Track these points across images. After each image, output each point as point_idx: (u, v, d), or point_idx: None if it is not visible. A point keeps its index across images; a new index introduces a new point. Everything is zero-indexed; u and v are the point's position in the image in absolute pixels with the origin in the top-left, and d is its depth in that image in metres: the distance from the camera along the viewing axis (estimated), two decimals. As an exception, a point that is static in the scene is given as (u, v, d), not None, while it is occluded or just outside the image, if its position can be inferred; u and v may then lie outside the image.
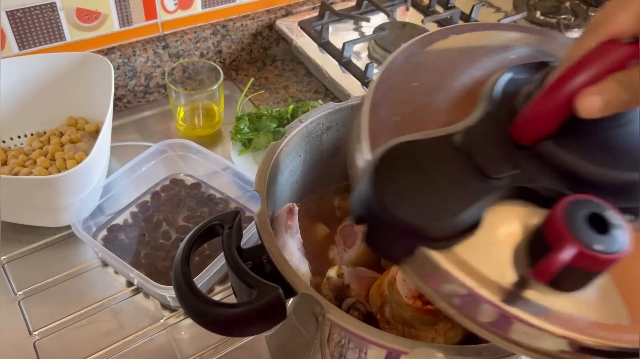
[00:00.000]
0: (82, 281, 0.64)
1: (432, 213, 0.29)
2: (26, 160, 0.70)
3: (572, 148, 0.31)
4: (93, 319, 0.60)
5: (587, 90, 0.29)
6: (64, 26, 0.77)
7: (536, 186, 0.30)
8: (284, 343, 0.52)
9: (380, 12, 0.98)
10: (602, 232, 0.27)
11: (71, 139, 0.72)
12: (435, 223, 0.29)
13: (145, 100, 0.89)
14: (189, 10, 0.87)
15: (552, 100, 0.30)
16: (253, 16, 0.93)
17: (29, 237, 0.67)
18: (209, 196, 0.73)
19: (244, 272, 0.35)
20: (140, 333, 0.59)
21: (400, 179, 0.30)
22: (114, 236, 0.67)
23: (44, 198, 0.62)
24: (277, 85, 0.93)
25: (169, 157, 0.73)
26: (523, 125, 0.32)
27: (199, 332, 0.60)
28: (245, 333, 0.37)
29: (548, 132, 0.31)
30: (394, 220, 0.29)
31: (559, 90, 0.30)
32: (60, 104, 0.76)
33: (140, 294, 0.63)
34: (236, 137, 0.77)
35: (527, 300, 0.29)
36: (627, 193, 0.30)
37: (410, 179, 0.30)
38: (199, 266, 0.63)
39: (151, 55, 0.85)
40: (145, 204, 0.71)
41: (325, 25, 0.91)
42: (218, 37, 0.91)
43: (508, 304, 0.29)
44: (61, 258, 0.66)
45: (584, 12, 1.02)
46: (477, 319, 0.31)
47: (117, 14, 0.81)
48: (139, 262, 0.64)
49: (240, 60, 0.97)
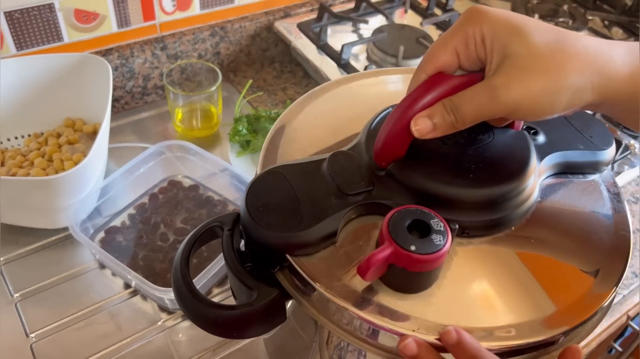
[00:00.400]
0: (79, 283, 0.64)
1: (290, 224, 0.34)
2: (23, 161, 0.69)
3: (419, 169, 0.36)
4: (90, 321, 0.60)
5: (418, 114, 0.34)
6: (62, 27, 0.77)
7: (387, 202, 0.35)
8: (282, 346, 0.51)
9: (379, 14, 0.98)
10: (422, 236, 0.32)
11: (69, 140, 0.72)
12: (292, 233, 0.34)
13: (143, 101, 0.89)
14: (188, 12, 0.87)
15: (394, 126, 0.35)
16: (251, 18, 0.93)
17: (26, 239, 0.67)
18: (207, 198, 0.72)
19: (243, 274, 0.35)
20: (137, 335, 0.59)
21: (268, 197, 0.35)
22: (111, 238, 0.67)
23: (41, 200, 0.62)
24: (275, 87, 0.93)
25: (167, 159, 0.73)
26: (377, 150, 0.37)
27: (197, 334, 0.60)
28: (244, 335, 0.37)
29: (398, 155, 0.36)
30: (259, 232, 0.34)
31: (398, 118, 0.35)
32: (57, 105, 0.75)
33: (138, 296, 0.63)
34: (234, 138, 0.77)
35: (376, 303, 0.33)
36: (462, 207, 0.35)
37: (277, 197, 0.35)
38: (197, 268, 0.63)
39: (149, 56, 0.85)
40: (143, 206, 0.71)
41: (324, 27, 0.91)
42: (216, 38, 0.91)
43: (357, 308, 0.33)
44: (58, 259, 0.65)
45: (581, 16, 1.03)
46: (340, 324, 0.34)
47: (115, 15, 0.80)
48: (137, 264, 0.64)
49: (239, 62, 0.97)
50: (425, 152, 0.36)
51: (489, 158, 0.37)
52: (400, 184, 0.36)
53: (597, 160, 0.41)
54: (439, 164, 0.36)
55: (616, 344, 0.87)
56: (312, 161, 0.38)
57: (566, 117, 0.43)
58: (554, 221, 0.38)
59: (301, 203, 0.35)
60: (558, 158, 0.40)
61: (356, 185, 0.36)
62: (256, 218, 0.34)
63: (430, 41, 0.92)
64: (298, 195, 0.35)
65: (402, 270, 0.32)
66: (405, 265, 0.31)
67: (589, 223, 0.38)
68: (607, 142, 0.42)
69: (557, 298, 0.35)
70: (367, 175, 0.36)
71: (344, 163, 0.37)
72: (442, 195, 0.35)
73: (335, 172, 0.36)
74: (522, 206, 0.37)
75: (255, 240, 0.35)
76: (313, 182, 0.36)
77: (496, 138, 0.38)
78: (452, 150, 0.37)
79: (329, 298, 0.33)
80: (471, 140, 0.37)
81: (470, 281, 0.35)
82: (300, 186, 0.36)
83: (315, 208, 0.35)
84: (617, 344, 0.87)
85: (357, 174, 0.36)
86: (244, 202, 0.35)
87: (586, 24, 1.01)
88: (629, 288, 0.67)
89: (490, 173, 0.36)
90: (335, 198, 0.35)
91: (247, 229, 0.35)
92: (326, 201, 0.35)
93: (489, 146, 0.37)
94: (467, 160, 0.36)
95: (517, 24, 0.33)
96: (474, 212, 0.35)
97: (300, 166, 0.37)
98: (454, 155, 0.37)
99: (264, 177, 0.36)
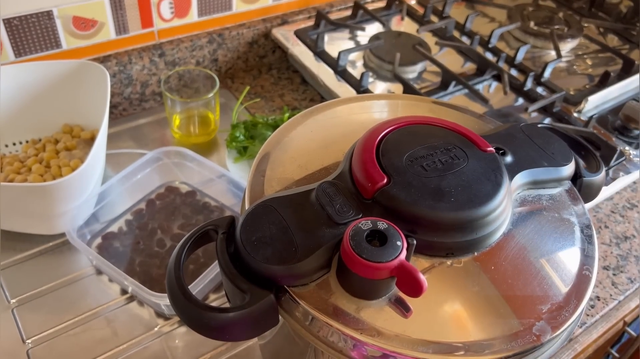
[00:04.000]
0: (76, 289, 0.64)
1: (286, 257, 0.34)
2: (21, 167, 0.70)
3: (404, 195, 0.37)
4: (87, 327, 0.60)
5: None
6: (60, 34, 0.78)
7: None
8: (278, 351, 0.51)
9: (376, 22, 0.99)
10: (381, 245, 0.33)
11: (66, 146, 0.72)
12: (289, 266, 0.34)
13: (141, 107, 0.89)
14: (185, 19, 0.87)
15: (364, 157, 0.38)
16: (249, 25, 0.94)
17: (23, 245, 0.67)
18: (204, 204, 0.73)
19: (237, 277, 0.36)
20: (134, 341, 0.59)
21: (261, 230, 0.36)
22: (108, 243, 0.67)
23: (38, 206, 0.62)
24: (272, 94, 0.93)
25: (165, 165, 0.73)
26: (359, 182, 0.38)
27: (193, 340, 0.60)
28: (237, 338, 0.37)
29: (380, 183, 0.37)
30: (257, 265, 0.34)
31: (365, 148, 0.38)
32: (55, 111, 0.76)
33: (135, 302, 0.63)
34: (232, 144, 0.78)
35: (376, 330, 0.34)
36: (443, 229, 0.37)
37: (270, 229, 0.36)
38: (194, 274, 0.63)
39: (147, 63, 0.86)
40: (140, 212, 0.71)
41: (321, 34, 0.91)
42: (214, 45, 0.91)
43: (357, 332, 0.34)
44: (55, 265, 0.66)
45: (577, 23, 1.03)
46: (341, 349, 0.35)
47: (114, 22, 0.81)
48: (134, 270, 0.64)
49: (236, 69, 0.97)
50: (408, 179, 0.38)
51: (466, 181, 0.38)
52: (386, 210, 0.37)
53: (559, 176, 0.44)
54: (422, 190, 0.37)
55: (613, 350, 0.87)
56: (300, 192, 0.39)
57: (529, 136, 0.45)
58: (519, 252, 0.40)
59: (294, 235, 0.36)
60: (526, 177, 0.43)
61: (345, 214, 0.37)
62: (252, 252, 0.35)
63: (427, 48, 0.93)
64: (290, 227, 0.36)
65: (362, 279, 0.34)
66: (363, 273, 0.33)
67: (553, 261, 0.40)
68: (567, 158, 0.44)
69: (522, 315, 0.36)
70: (355, 204, 0.38)
71: (331, 193, 0.38)
72: (427, 219, 0.36)
73: (324, 202, 0.37)
74: (498, 228, 0.39)
75: (253, 273, 0.35)
76: (303, 213, 0.37)
77: (470, 162, 0.40)
78: (432, 175, 0.38)
79: (327, 322, 0.34)
80: (449, 166, 0.39)
81: (445, 300, 0.37)
82: (291, 217, 0.37)
83: (309, 239, 0.35)
84: (614, 350, 0.87)
85: (345, 203, 0.37)
86: (239, 237, 0.36)
87: (582, 31, 1.02)
88: (625, 293, 0.68)
89: (468, 195, 0.37)
90: (326, 227, 0.36)
91: (245, 262, 0.35)
92: (318, 231, 0.36)
93: (465, 169, 0.39)
94: (447, 185, 0.38)
95: None
96: (457, 233, 0.37)
97: (289, 197, 0.38)
98: (435, 180, 0.38)
99: (256, 211, 0.37)
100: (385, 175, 0.38)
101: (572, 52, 1.00)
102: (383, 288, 0.35)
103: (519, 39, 1.00)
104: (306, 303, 0.35)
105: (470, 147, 0.41)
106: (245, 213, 0.37)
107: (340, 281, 0.36)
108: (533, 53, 0.98)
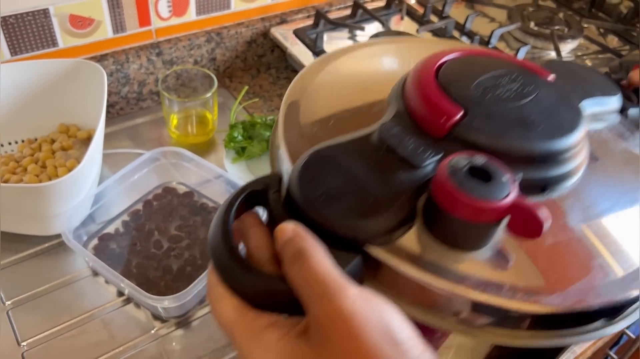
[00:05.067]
0: (72, 291, 0.63)
1: (364, 209, 0.29)
2: (16, 168, 0.69)
3: (486, 127, 0.33)
4: (83, 329, 0.60)
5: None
6: (57, 32, 0.77)
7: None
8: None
9: (375, 21, 0.98)
10: (485, 181, 0.29)
11: (63, 146, 0.72)
12: (371, 219, 0.29)
13: (138, 107, 0.88)
14: (183, 17, 0.87)
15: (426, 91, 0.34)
16: (248, 24, 0.93)
17: (18, 246, 0.66)
18: (202, 204, 0.72)
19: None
20: (130, 344, 0.59)
21: (326, 184, 0.30)
22: (105, 245, 0.66)
23: (34, 206, 0.62)
24: (271, 93, 0.93)
25: (162, 165, 0.73)
26: (430, 119, 0.34)
27: (191, 343, 0.59)
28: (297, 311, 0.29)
29: (454, 115, 0.33)
30: (330, 223, 0.29)
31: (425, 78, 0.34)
32: (52, 111, 0.75)
33: (131, 304, 0.62)
34: (230, 145, 0.77)
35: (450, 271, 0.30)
36: (537, 162, 0.33)
37: (336, 182, 0.30)
38: (191, 276, 0.62)
39: (144, 62, 0.85)
40: (137, 212, 0.70)
41: (320, 33, 0.91)
42: (212, 44, 0.90)
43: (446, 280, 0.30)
44: (51, 267, 0.65)
45: (577, 23, 1.03)
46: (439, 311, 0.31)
47: (111, 20, 0.80)
48: (130, 272, 0.63)
49: (235, 68, 0.96)
50: (486, 109, 0.34)
51: (547, 109, 0.35)
52: (468, 146, 0.32)
53: (613, 107, 0.42)
54: (506, 120, 0.33)
55: (612, 352, 0.87)
56: (357, 137, 0.34)
57: (569, 69, 0.42)
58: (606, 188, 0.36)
59: (367, 184, 0.30)
60: (589, 106, 0.39)
61: (425, 154, 0.32)
62: (323, 209, 0.29)
63: (427, 48, 0.92)
64: (359, 176, 0.31)
65: (469, 223, 0.29)
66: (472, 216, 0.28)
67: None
68: (614, 88, 0.42)
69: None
70: (431, 143, 0.33)
71: (397, 133, 0.33)
72: (520, 151, 0.32)
73: (394, 144, 0.32)
74: (584, 160, 0.36)
75: (326, 234, 0.29)
76: (369, 159, 0.32)
77: (541, 90, 0.36)
78: (510, 104, 0.34)
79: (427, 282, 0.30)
80: (522, 94, 0.35)
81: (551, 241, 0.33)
82: (356, 165, 0.31)
83: (385, 187, 0.30)
84: (612, 352, 0.87)
85: (417, 143, 0.32)
86: (298, 193, 0.30)
87: (582, 31, 1.01)
88: (625, 296, 0.67)
89: (556, 123, 0.34)
90: (403, 171, 0.31)
91: (314, 222, 0.29)
92: (394, 177, 0.31)
93: (541, 97, 0.35)
94: (529, 113, 0.34)
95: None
96: (551, 166, 0.33)
97: (346, 144, 0.33)
98: (515, 109, 0.34)
99: (310, 162, 0.31)
100: (459, 107, 0.34)
101: (572, 53, 0.99)
102: (489, 233, 0.30)
103: (519, 39, 1.00)
104: (401, 261, 0.30)
105: (533, 76, 0.38)
106: (299, 166, 0.31)
107: (434, 232, 0.31)
108: (533, 53, 0.98)
